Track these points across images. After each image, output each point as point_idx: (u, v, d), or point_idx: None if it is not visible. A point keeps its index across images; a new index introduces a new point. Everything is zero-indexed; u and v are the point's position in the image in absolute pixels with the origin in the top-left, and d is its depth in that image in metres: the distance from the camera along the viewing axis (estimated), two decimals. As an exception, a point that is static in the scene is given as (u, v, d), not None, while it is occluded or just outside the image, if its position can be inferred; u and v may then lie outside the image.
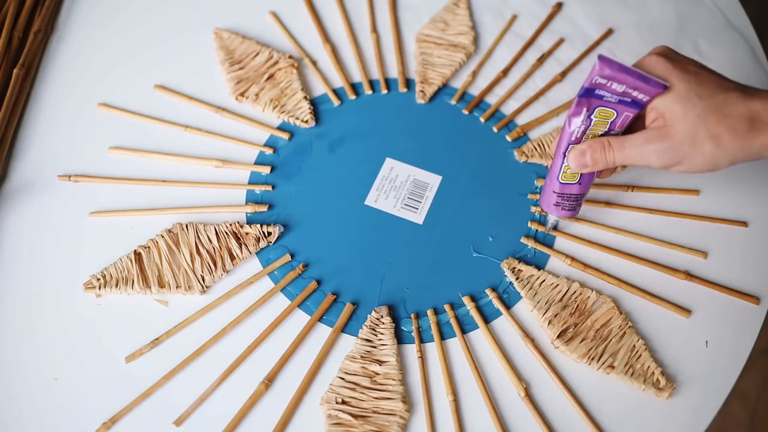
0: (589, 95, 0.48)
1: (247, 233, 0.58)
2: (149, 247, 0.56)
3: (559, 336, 0.53)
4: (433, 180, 0.62)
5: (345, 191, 0.61)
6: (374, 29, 0.70)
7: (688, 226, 0.59)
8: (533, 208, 0.60)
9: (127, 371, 0.53)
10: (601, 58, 0.46)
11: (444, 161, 0.63)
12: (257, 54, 0.67)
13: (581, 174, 0.52)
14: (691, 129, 0.46)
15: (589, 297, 0.55)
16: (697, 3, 0.71)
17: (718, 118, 0.46)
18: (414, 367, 0.53)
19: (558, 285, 0.56)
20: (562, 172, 0.52)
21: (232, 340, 0.54)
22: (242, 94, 0.65)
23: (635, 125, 0.50)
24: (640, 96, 0.47)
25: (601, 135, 0.50)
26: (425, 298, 0.56)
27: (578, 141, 0.50)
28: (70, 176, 0.60)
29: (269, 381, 0.52)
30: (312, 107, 0.65)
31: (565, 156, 0.51)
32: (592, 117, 0.49)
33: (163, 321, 0.54)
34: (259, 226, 0.58)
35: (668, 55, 0.48)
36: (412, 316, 0.55)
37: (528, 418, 0.51)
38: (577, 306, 0.55)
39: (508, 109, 0.66)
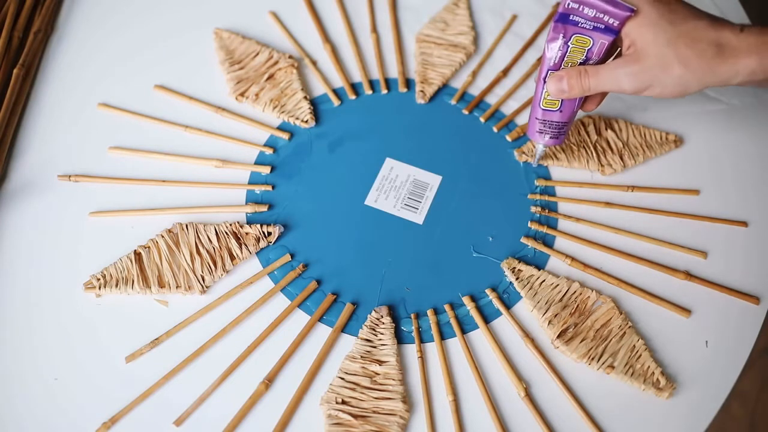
0: (564, 21, 0.50)
1: (247, 233, 0.58)
2: (149, 247, 0.56)
3: (559, 336, 0.53)
4: (433, 180, 0.62)
5: (345, 191, 0.61)
6: (374, 29, 0.70)
7: (688, 226, 0.59)
8: (533, 208, 0.60)
9: (127, 371, 0.52)
10: None
11: (444, 161, 0.63)
12: (257, 54, 0.67)
13: (561, 101, 0.53)
14: (661, 53, 0.48)
15: (589, 297, 0.55)
16: (697, 3, 0.71)
17: (687, 43, 0.48)
18: (414, 367, 0.53)
19: (558, 285, 0.56)
20: (543, 98, 0.54)
21: (232, 340, 0.54)
22: (242, 94, 0.65)
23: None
24: (611, 21, 0.49)
25: (580, 64, 0.52)
26: (425, 298, 0.56)
27: (557, 68, 0.52)
28: (70, 176, 0.60)
29: (269, 381, 0.52)
30: (312, 107, 0.65)
31: (545, 82, 0.53)
32: (569, 44, 0.51)
33: (163, 321, 0.54)
34: (259, 226, 0.58)
35: None
36: (412, 316, 0.55)
37: (528, 418, 0.51)
38: (577, 306, 0.55)
39: (508, 109, 0.66)
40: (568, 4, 0.49)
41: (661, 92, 0.50)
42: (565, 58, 0.51)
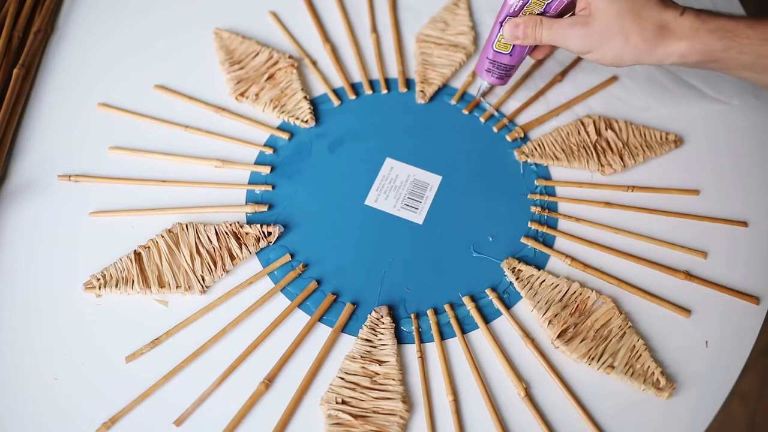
0: None
1: (247, 233, 0.58)
2: (149, 247, 0.56)
3: (559, 336, 0.53)
4: (433, 180, 0.62)
5: (345, 191, 0.61)
6: (374, 29, 0.70)
7: (688, 226, 0.59)
8: (533, 208, 0.60)
9: (127, 371, 0.52)
10: None
11: (444, 161, 0.63)
12: (257, 54, 0.67)
13: (513, 46, 0.56)
14: (608, 22, 0.51)
15: (589, 297, 0.55)
16: (697, 3, 0.71)
17: (633, 18, 0.51)
18: (414, 367, 0.53)
19: (558, 285, 0.56)
20: (497, 40, 0.56)
21: (232, 340, 0.54)
22: (242, 94, 0.65)
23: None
24: None
25: (537, 14, 0.54)
26: (425, 298, 0.56)
27: (516, 15, 0.55)
28: (69, 176, 0.60)
29: (269, 381, 0.52)
30: (312, 107, 0.65)
31: (501, 26, 0.56)
32: None
33: (163, 321, 0.54)
34: (259, 226, 0.58)
35: None
36: (412, 316, 0.55)
37: (528, 418, 0.51)
38: (577, 306, 0.55)
39: (508, 109, 0.66)
40: None
41: (598, 59, 0.53)
42: (525, 7, 0.54)
